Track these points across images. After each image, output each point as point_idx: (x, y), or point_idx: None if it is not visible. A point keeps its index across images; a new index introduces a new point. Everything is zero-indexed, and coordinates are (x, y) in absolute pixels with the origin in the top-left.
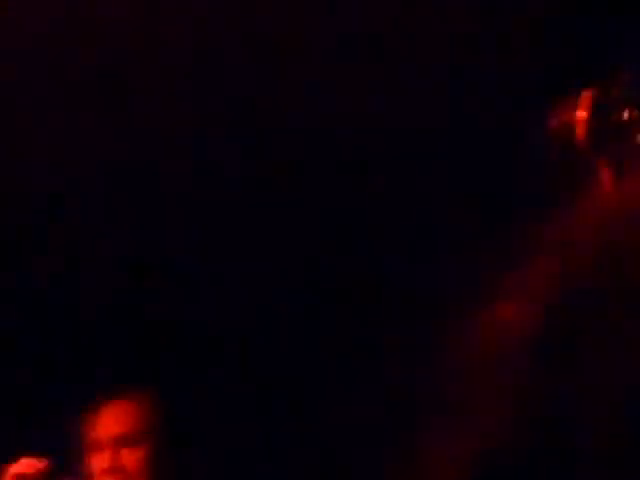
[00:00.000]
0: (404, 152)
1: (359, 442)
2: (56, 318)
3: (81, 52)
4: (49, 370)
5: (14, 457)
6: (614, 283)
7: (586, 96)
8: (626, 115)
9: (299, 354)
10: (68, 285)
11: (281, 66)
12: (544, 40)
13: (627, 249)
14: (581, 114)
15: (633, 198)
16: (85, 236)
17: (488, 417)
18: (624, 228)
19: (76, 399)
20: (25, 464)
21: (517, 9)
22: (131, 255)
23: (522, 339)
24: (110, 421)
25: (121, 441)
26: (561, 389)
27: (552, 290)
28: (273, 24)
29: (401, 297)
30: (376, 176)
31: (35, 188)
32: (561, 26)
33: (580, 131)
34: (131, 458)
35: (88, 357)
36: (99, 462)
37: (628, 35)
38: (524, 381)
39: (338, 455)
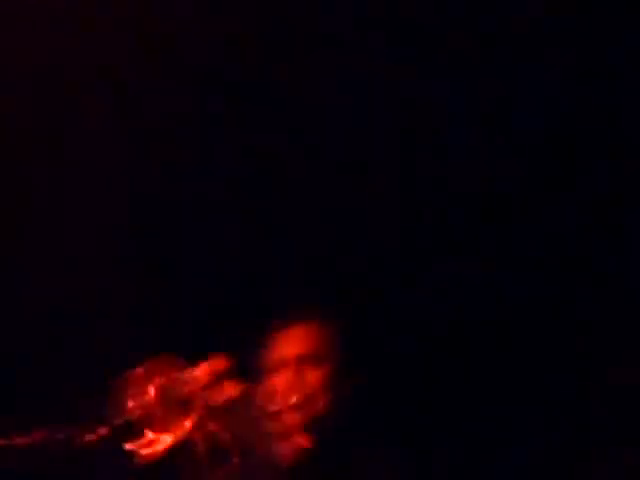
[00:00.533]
0: None
1: None
2: None
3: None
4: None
5: None
6: None
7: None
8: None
9: None
10: None
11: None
12: None
13: None
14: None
15: None
16: None
17: None
18: None
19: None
20: (213, 360)
21: None
22: None
23: None
24: (293, 340)
25: (303, 360)
26: None
27: None
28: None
29: None
30: None
31: None
32: None
33: None
34: (312, 377)
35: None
36: (281, 378)
37: None
38: None
39: None
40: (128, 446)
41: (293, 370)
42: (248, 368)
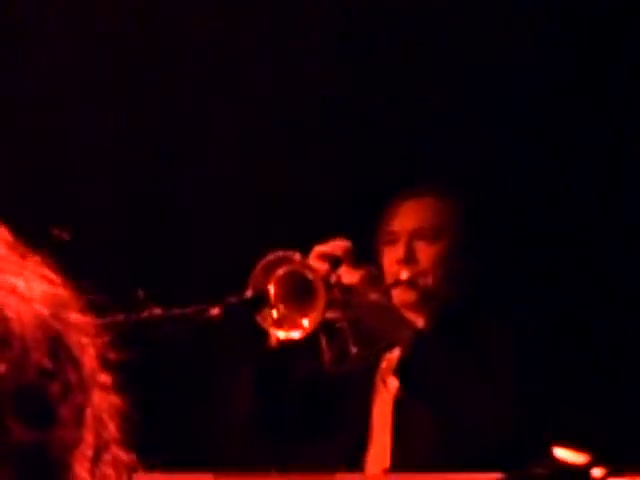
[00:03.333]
0: None
1: None
2: None
3: None
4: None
5: None
6: None
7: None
8: None
9: None
10: None
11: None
12: None
13: None
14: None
15: None
16: None
17: None
18: None
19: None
20: (331, 244)
21: None
22: None
23: None
24: (409, 214)
25: (417, 234)
26: None
27: None
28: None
29: None
30: None
31: None
32: None
33: None
34: (426, 252)
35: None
36: (393, 253)
37: None
38: None
39: None
40: (259, 320)
41: (406, 245)
42: (365, 248)
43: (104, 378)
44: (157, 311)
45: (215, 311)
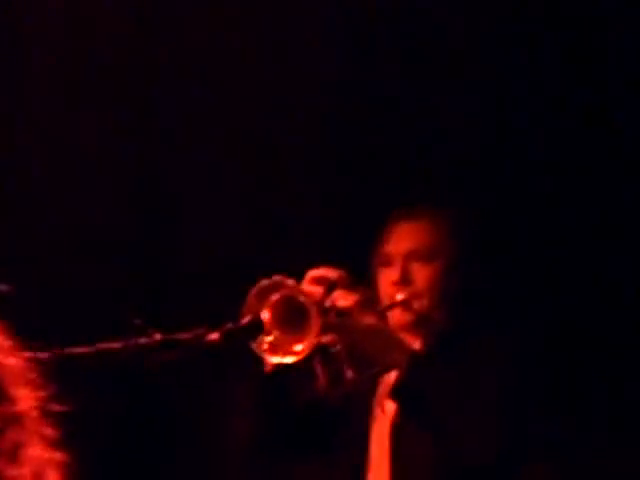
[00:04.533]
0: None
1: None
2: None
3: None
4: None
5: None
6: None
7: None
8: None
9: None
10: None
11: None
12: None
13: None
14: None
15: None
16: None
17: None
18: None
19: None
20: (326, 269)
21: None
22: None
23: None
24: (403, 236)
25: (412, 256)
26: None
27: None
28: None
29: None
30: None
31: None
32: None
33: None
34: (421, 273)
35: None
36: (389, 275)
37: None
38: None
39: None
40: (254, 347)
41: (401, 266)
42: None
43: (48, 431)
44: (155, 337)
45: (213, 336)
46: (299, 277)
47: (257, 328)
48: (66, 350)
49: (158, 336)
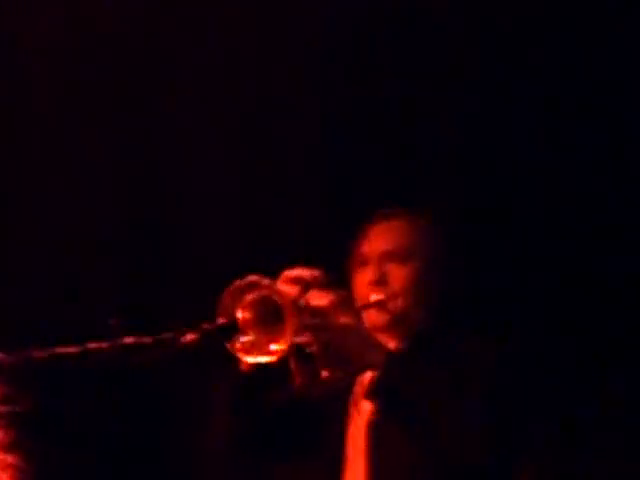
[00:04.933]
0: None
1: None
2: None
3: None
4: None
5: None
6: None
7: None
8: None
9: None
10: None
11: None
12: None
13: None
14: None
15: None
16: None
17: None
18: None
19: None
20: (301, 270)
21: None
22: None
23: None
24: (379, 236)
25: (388, 256)
26: None
27: None
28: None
29: None
30: None
31: None
32: None
33: None
34: (396, 274)
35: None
36: (364, 276)
37: None
38: None
39: None
40: (230, 347)
41: (376, 267)
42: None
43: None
44: (131, 338)
45: (190, 337)
46: (274, 277)
47: (234, 328)
48: (45, 351)
49: (131, 339)
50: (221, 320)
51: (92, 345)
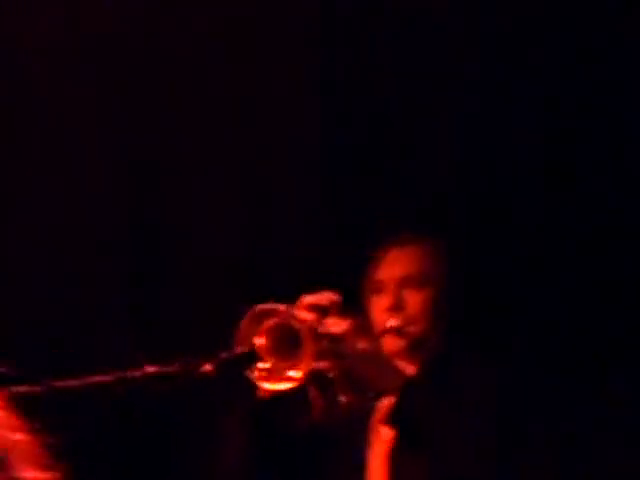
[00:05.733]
0: None
1: None
2: None
3: None
4: None
5: None
6: None
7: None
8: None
9: None
10: None
11: None
12: None
13: None
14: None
15: None
16: None
17: None
18: None
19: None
20: (319, 296)
21: None
22: None
23: None
24: (395, 262)
25: (404, 282)
26: None
27: None
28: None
29: None
30: None
31: None
32: None
33: None
34: (413, 299)
35: None
36: (381, 302)
37: None
38: None
39: None
40: (248, 374)
41: (393, 293)
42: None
43: None
44: (150, 369)
45: (207, 367)
46: (291, 302)
47: (251, 355)
48: (57, 383)
49: (151, 369)
50: (239, 349)
51: (109, 377)
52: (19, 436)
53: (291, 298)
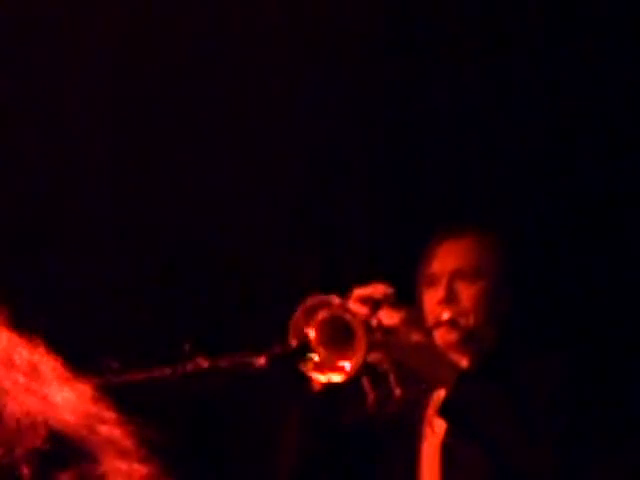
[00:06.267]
0: None
1: None
2: None
3: None
4: None
5: None
6: None
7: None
8: None
9: None
10: None
11: None
12: None
13: None
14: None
15: None
16: None
17: None
18: None
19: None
20: (372, 287)
21: None
22: None
23: None
24: (448, 255)
25: (458, 275)
26: None
27: None
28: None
29: None
30: None
31: None
32: None
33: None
34: (466, 292)
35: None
36: (434, 295)
37: None
38: None
39: None
40: (301, 367)
41: (446, 285)
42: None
43: None
44: (204, 363)
45: (261, 361)
46: (344, 294)
47: (305, 348)
48: (115, 377)
49: (205, 363)
50: (293, 342)
51: (163, 371)
52: (112, 429)
53: (344, 291)
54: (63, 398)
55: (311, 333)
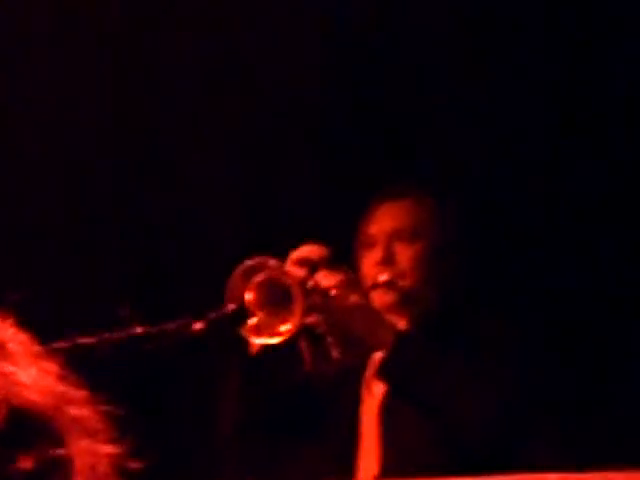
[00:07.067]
0: None
1: None
2: None
3: None
4: None
5: None
6: None
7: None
8: None
9: None
10: None
11: None
12: None
13: None
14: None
15: None
16: None
17: None
18: None
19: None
20: (308, 249)
21: None
22: None
23: None
24: (386, 216)
25: (395, 236)
26: None
27: None
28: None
29: None
30: None
31: None
32: None
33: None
34: (404, 254)
35: None
36: (372, 256)
37: None
38: None
39: None
40: (239, 330)
41: (384, 247)
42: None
43: None
44: (140, 328)
45: (198, 326)
46: (282, 257)
47: (242, 312)
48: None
49: (140, 329)
50: (230, 307)
51: (105, 335)
52: (80, 408)
53: (281, 254)
54: (29, 376)
55: (248, 295)
